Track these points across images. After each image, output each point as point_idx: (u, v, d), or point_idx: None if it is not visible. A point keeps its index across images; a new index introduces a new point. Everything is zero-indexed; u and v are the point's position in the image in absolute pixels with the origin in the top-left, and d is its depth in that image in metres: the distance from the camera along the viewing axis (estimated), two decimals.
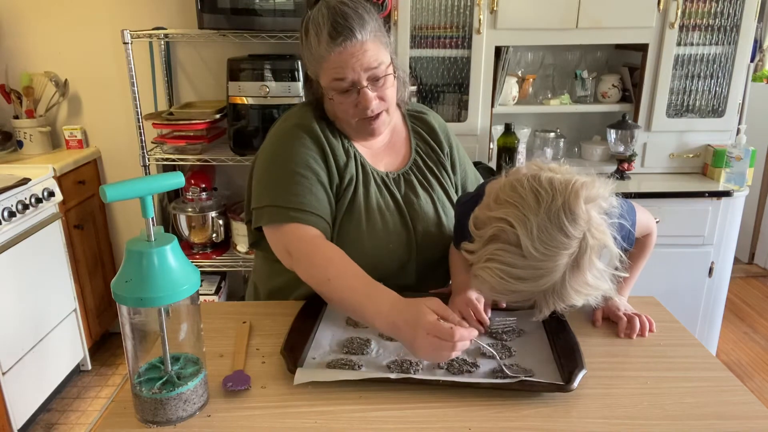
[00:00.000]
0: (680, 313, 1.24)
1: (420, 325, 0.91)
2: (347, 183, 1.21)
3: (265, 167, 1.21)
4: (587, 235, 0.89)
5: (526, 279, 0.90)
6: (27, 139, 2.52)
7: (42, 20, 2.51)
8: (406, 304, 0.97)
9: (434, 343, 0.90)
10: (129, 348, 0.87)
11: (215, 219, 2.40)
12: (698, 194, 2.21)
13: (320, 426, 0.86)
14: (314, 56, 1.15)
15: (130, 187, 0.81)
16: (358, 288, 1.04)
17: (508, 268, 0.90)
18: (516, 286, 0.91)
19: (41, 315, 2.22)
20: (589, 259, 0.90)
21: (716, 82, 2.33)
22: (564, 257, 0.89)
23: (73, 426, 2.26)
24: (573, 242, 0.89)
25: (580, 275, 0.90)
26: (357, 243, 1.20)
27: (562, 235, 0.88)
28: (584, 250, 0.89)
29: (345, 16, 1.11)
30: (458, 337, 0.90)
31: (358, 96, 1.16)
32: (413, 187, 1.29)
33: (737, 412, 0.89)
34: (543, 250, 0.88)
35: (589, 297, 0.93)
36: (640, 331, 1.10)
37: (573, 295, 0.91)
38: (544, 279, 0.89)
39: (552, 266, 0.89)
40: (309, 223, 1.15)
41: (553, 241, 0.88)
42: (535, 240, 0.88)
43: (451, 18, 2.24)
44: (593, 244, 0.89)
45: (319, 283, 1.10)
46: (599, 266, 0.92)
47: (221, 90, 2.43)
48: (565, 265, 0.89)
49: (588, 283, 0.91)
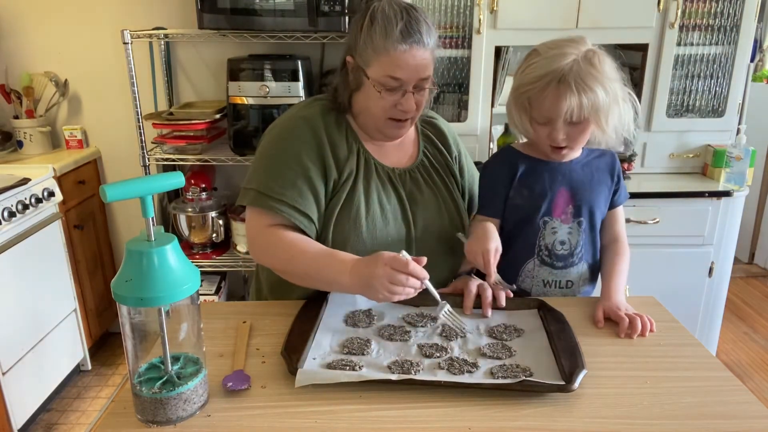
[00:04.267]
0: (680, 313, 1.24)
1: (379, 260, 1.04)
2: (346, 176, 1.24)
3: (262, 152, 1.27)
4: (593, 48, 1.16)
5: (543, 65, 1.14)
6: (27, 139, 2.52)
7: (42, 20, 2.51)
8: (368, 256, 1.09)
9: (390, 273, 1.02)
10: (129, 348, 0.87)
11: (215, 219, 2.40)
12: (698, 194, 2.21)
13: (320, 426, 0.86)
14: (374, 46, 1.17)
15: (130, 187, 0.81)
16: (320, 257, 1.15)
17: (530, 65, 1.17)
18: (537, 72, 1.14)
19: (41, 315, 2.22)
20: (598, 58, 1.14)
21: (716, 82, 2.33)
22: (571, 49, 1.14)
23: (73, 426, 2.26)
24: (579, 47, 1.15)
25: (591, 65, 1.13)
26: (355, 233, 1.23)
27: (568, 41, 1.16)
28: (592, 54, 1.15)
29: (418, 21, 1.18)
30: (412, 268, 1.02)
31: (401, 97, 1.19)
32: (418, 184, 1.31)
33: (737, 412, 0.89)
34: (552, 45, 1.17)
35: (606, 92, 1.13)
36: (641, 331, 1.10)
37: (591, 78, 1.12)
38: (557, 61, 1.13)
39: (562, 53, 1.13)
40: (285, 214, 1.20)
41: (560, 43, 1.17)
42: (546, 44, 1.18)
43: (451, 18, 2.24)
44: (601, 55, 1.15)
45: (284, 262, 1.19)
46: (609, 68, 1.15)
47: (221, 90, 2.43)
48: (574, 55, 1.13)
49: (602, 73, 1.13)
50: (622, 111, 1.17)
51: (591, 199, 1.26)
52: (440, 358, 1.02)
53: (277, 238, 1.19)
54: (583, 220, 1.26)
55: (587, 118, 1.14)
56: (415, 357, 1.03)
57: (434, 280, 1.29)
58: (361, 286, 1.08)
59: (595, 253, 1.31)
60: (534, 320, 1.15)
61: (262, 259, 1.25)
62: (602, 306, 1.17)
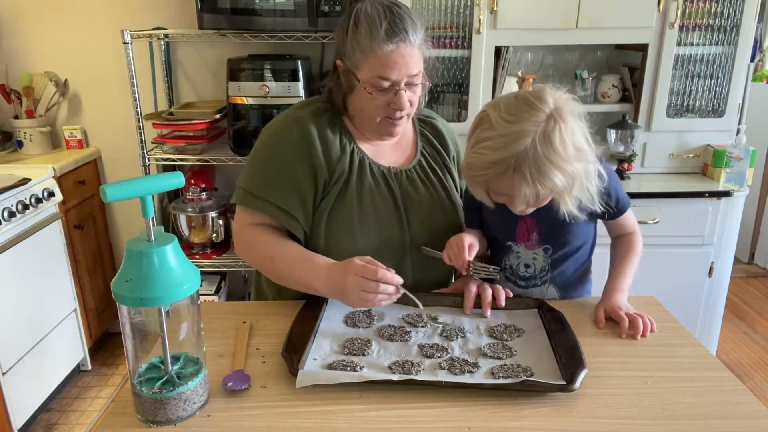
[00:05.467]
0: (680, 313, 1.24)
1: (349, 269, 1.06)
2: (338, 176, 1.24)
3: (254, 152, 1.29)
4: (554, 113, 1.02)
5: (498, 148, 1.03)
6: (27, 139, 2.52)
7: (42, 20, 2.51)
8: (341, 262, 1.11)
9: (361, 282, 1.04)
10: (129, 348, 0.87)
11: (215, 219, 2.40)
12: (698, 194, 2.21)
13: (320, 426, 0.86)
14: (361, 48, 1.16)
15: (130, 187, 0.81)
16: (297, 260, 1.18)
17: (483, 143, 1.05)
18: (491, 156, 1.03)
19: (41, 315, 2.22)
20: (559, 135, 1.01)
21: (716, 82, 2.33)
22: (529, 124, 1.01)
23: (73, 426, 2.26)
24: (538, 114, 1.02)
25: (551, 147, 1.01)
26: (348, 232, 1.23)
27: (526, 106, 1.03)
28: (552, 126, 1.02)
29: (402, 18, 1.16)
30: (381, 276, 1.03)
31: (394, 96, 1.19)
32: (414, 183, 1.31)
33: (737, 412, 0.89)
34: (508, 117, 1.03)
35: (566, 176, 1.03)
36: (642, 331, 1.10)
37: (548, 166, 1.01)
38: (513, 145, 1.01)
39: (518, 130, 1.01)
40: (270, 215, 1.22)
41: (517, 111, 1.03)
42: (502, 111, 1.05)
43: (451, 18, 2.24)
44: (562, 124, 1.02)
45: (263, 261, 1.23)
46: (570, 146, 1.03)
47: (221, 90, 2.43)
48: (532, 132, 1.01)
49: (562, 157, 1.02)
50: (584, 184, 1.08)
51: (558, 229, 1.19)
52: (441, 358, 1.02)
53: (259, 237, 1.22)
54: (550, 248, 1.22)
55: (546, 197, 1.09)
56: (415, 357, 1.03)
57: (431, 279, 1.31)
58: (335, 293, 1.11)
59: (569, 275, 1.27)
60: (534, 320, 1.15)
61: (244, 257, 1.27)
62: (603, 305, 1.17)
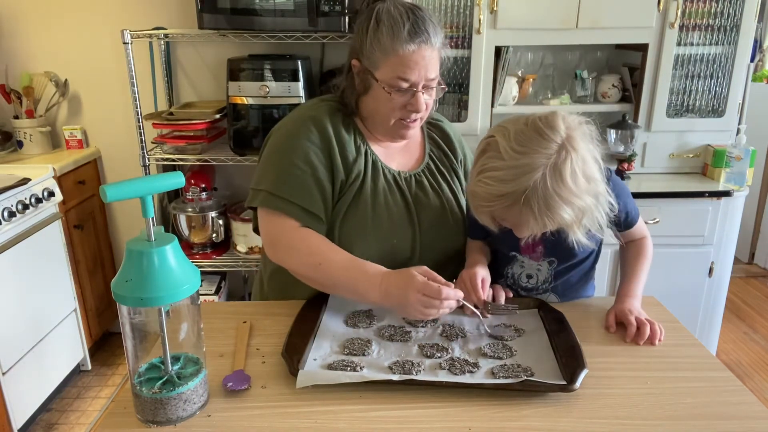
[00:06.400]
0: (680, 313, 1.23)
1: (411, 286, 1.03)
2: (354, 178, 1.23)
3: (270, 152, 1.25)
4: (566, 143, 0.98)
5: (506, 180, 0.99)
6: (27, 139, 2.52)
7: (42, 20, 2.50)
8: (396, 272, 1.08)
9: (424, 300, 1.01)
10: (129, 348, 0.87)
11: (215, 219, 2.40)
12: (698, 194, 2.21)
13: (320, 426, 0.86)
14: (382, 47, 1.16)
15: (130, 187, 0.81)
16: (348, 267, 1.13)
17: (491, 172, 1.01)
18: (499, 188, 1.00)
19: (41, 315, 2.22)
20: (570, 168, 0.98)
21: (716, 82, 2.33)
22: (540, 157, 0.97)
23: (73, 426, 2.26)
24: (550, 144, 0.98)
25: (561, 181, 0.97)
26: (361, 235, 1.22)
27: (537, 135, 0.99)
28: (564, 158, 0.98)
29: (424, 20, 1.16)
30: (444, 295, 1.01)
31: (411, 98, 1.19)
32: (423, 187, 1.31)
33: (737, 412, 0.89)
34: (518, 148, 0.99)
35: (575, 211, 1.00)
36: (649, 338, 1.08)
37: (558, 202, 0.98)
38: (522, 178, 0.98)
39: (528, 163, 0.97)
40: (295, 216, 1.19)
41: (528, 141, 0.99)
42: (512, 140, 1.00)
43: (451, 18, 2.24)
44: (573, 155, 0.98)
45: (310, 269, 1.17)
46: (581, 179, 0.99)
47: (221, 90, 2.43)
48: (542, 165, 0.97)
49: (572, 192, 0.98)
50: (594, 215, 1.05)
51: (565, 242, 1.14)
52: (441, 358, 1.02)
53: (305, 242, 1.17)
54: (555, 260, 1.22)
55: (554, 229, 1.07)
56: (415, 357, 1.03)
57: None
58: (393, 305, 1.08)
59: (571, 283, 1.26)
60: (534, 320, 1.15)
61: (285, 261, 1.21)
62: (614, 310, 1.15)
